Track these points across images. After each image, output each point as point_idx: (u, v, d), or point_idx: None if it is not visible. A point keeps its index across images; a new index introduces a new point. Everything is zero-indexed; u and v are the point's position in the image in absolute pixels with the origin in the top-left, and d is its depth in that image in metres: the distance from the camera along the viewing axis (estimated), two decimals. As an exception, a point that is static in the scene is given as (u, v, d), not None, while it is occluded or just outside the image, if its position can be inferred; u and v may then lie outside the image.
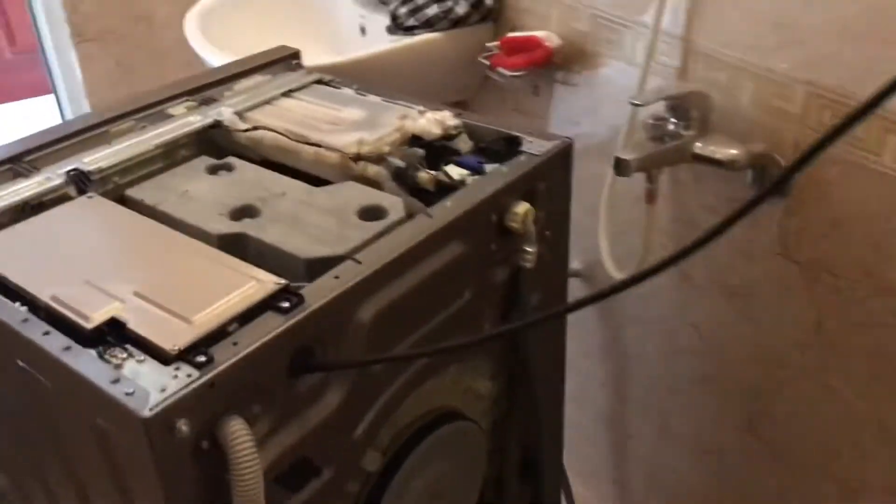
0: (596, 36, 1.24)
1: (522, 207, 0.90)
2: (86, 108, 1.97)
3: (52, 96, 2.05)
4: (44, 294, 0.74)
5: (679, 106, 1.01)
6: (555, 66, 1.31)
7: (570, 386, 1.13)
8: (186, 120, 1.03)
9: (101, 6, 1.88)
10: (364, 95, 1.11)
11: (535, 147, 0.96)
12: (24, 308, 0.73)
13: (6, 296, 0.75)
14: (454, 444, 0.95)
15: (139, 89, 1.99)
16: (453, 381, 0.95)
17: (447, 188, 0.94)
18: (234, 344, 0.68)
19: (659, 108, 1.04)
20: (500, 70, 1.30)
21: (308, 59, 1.25)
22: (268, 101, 1.09)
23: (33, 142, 0.96)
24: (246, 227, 0.86)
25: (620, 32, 1.20)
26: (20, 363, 0.74)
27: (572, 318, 1.08)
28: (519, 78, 1.29)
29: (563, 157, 0.96)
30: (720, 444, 1.29)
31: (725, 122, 1.04)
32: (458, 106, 1.59)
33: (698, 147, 1.01)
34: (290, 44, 1.68)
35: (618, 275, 1.18)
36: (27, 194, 0.89)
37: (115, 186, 0.97)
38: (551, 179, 0.95)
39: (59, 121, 2.04)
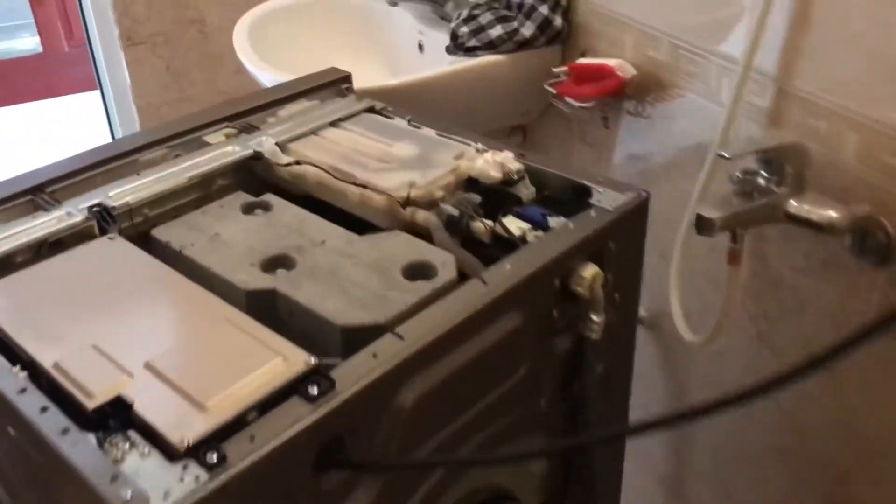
0: (675, 67, 1.13)
1: (590, 271, 0.80)
2: (132, 110, 1.91)
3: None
4: (46, 359, 0.65)
5: (772, 159, 0.89)
6: (626, 95, 1.20)
7: (628, 441, 1.02)
8: (224, 150, 0.95)
9: (151, 9, 1.82)
10: (418, 128, 1.01)
11: (606, 200, 0.85)
12: (24, 374, 0.65)
13: (7, 354, 0.68)
14: (500, 532, 0.84)
15: (189, 94, 1.95)
16: (502, 458, 0.85)
17: (504, 241, 0.84)
18: (252, 439, 0.58)
19: (748, 159, 0.92)
20: (568, 100, 1.19)
21: (362, 77, 1.15)
22: (313, 131, 1.00)
23: (57, 171, 0.89)
24: (278, 281, 0.77)
25: (703, 65, 1.08)
26: (12, 432, 0.66)
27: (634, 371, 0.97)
28: (587, 109, 1.18)
29: (638, 214, 0.85)
30: (793, 524, 1.16)
31: (824, 177, 0.91)
32: (518, 131, 1.49)
33: (793, 206, 0.89)
34: (344, 57, 1.60)
35: (690, 336, 1.06)
36: (45, 231, 0.81)
37: (144, 219, 0.89)
38: (623, 238, 0.84)
39: (104, 119, 1.99)
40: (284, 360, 0.64)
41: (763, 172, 0.90)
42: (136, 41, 1.84)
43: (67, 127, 3.16)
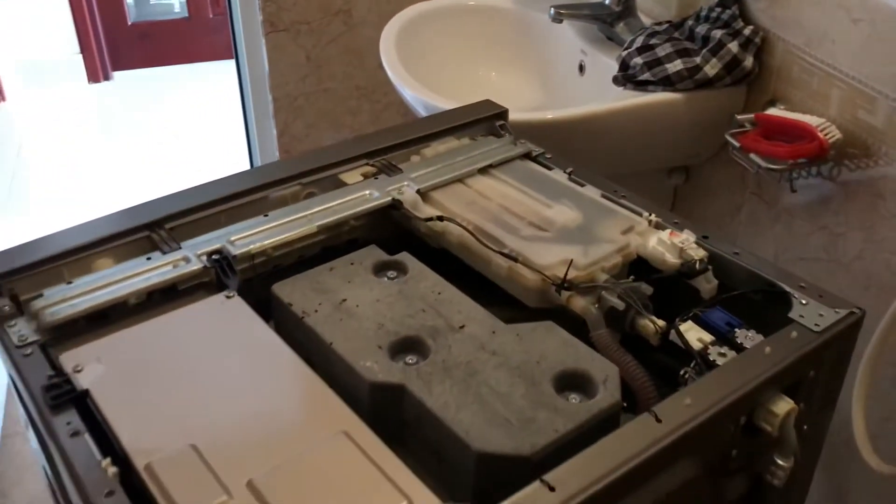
0: (894, 136, 0.94)
1: (783, 407, 0.65)
2: (268, 98, 1.85)
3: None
4: (139, 454, 0.57)
5: None
6: (823, 159, 1.02)
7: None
8: (360, 195, 0.84)
9: (299, -5, 1.74)
10: (580, 185, 0.88)
11: (810, 315, 0.69)
12: (114, 470, 0.56)
13: (98, 435, 0.59)
14: None
15: (327, 86, 1.87)
16: None
17: (675, 347, 0.70)
18: None
19: None
20: (753, 157, 1.03)
21: (514, 95, 1.02)
22: (460, 179, 0.88)
23: (178, 204, 0.81)
24: (407, 375, 0.66)
25: (932, 139, 0.90)
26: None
27: None
28: (776, 171, 1.01)
29: (848, 336, 0.70)
30: None
31: None
32: (680, 171, 1.33)
33: None
34: (496, 69, 1.48)
35: (879, 465, 0.89)
36: (159, 279, 0.73)
37: (267, 259, 0.79)
38: (826, 365, 0.69)
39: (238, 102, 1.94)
40: (409, 504, 0.53)
41: None
42: (278, 27, 1.77)
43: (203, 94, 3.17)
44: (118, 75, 3.31)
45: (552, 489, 0.55)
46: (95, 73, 3.25)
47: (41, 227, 0.75)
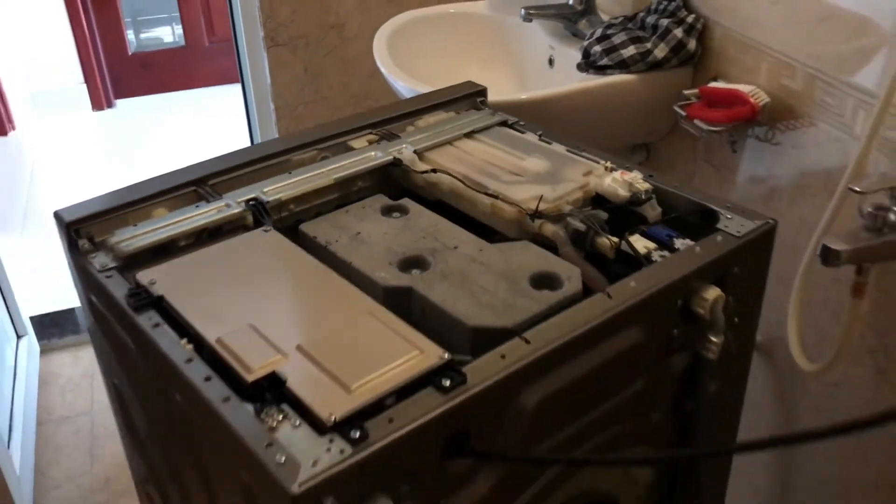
0: (809, 97, 1.13)
1: (712, 293, 0.82)
2: (270, 108, 2.03)
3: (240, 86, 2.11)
4: (210, 334, 0.73)
5: (905, 194, 0.89)
6: (757, 122, 1.20)
7: (734, 465, 1.04)
8: (366, 155, 1.02)
9: (296, 13, 1.92)
10: (548, 143, 1.06)
11: (733, 225, 0.87)
12: (190, 346, 0.73)
13: (174, 326, 0.76)
14: (604, 536, 0.88)
15: (325, 95, 2.05)
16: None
17: (628, 259, 0.87)
18: (390, 421, 0.64)
19: (880, 194, 0.92)
20: (697, 122, 1.21)
21: (493, 88, 1.21)
22: (449, 142, 1.05)
23: (218, 165, 0.98)
24: (413, 280, 0.83)
25: (839, 97, 1.08)
26: (178, 398, 0.74)
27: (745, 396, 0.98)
28: (717, 133, 1.19)
29: (764, 241, 0.87)
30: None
31: (959, 216, 0.90)
32: (642, 148, 1.51)
33: (924, 244, 0.89)
34: (477, 68, 1.67)
35: (806, 364, 1.06)
36: (206, 220, 0.90)
37: (290, 213, 0.96)
38: (748, 264, 0.86)
39: (243, 114, 2.12)
40: (421, 352, 0.70)
41: (895, 209, 0.90)
42: (278, 42, 1.95)
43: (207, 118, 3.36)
44: (121, 103, 3.50)
45: (528, 342, 0.72)
46: (99, 101, 3.43)
47: (56, 245, 0.92)
